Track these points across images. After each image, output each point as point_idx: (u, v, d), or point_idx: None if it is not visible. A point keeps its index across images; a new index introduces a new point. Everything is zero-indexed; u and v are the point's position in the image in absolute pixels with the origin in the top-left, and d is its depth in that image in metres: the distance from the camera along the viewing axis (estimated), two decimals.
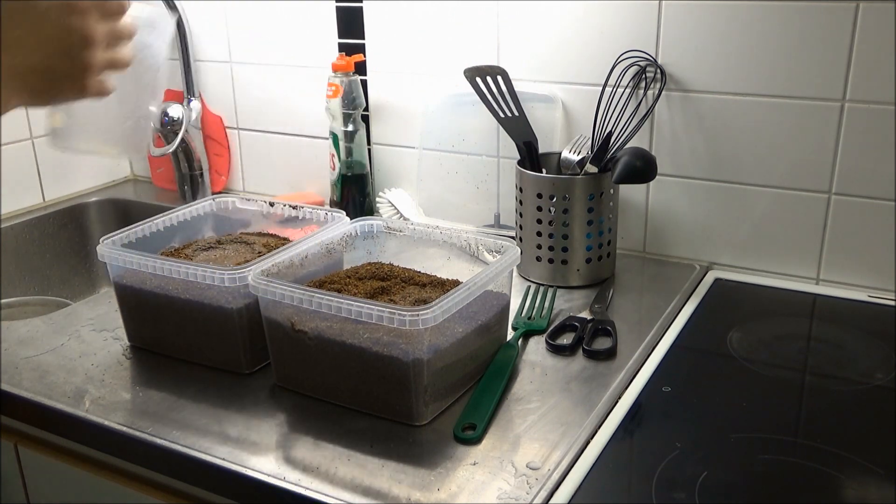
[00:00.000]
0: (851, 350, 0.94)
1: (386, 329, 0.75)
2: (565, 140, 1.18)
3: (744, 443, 0.76)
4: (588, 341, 0.92)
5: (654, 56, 1.09)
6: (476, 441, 0.75)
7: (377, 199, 1.35)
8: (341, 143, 1.29)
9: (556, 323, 0.96)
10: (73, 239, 1.46)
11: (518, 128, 1.13)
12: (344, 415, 0.80)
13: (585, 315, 0.98)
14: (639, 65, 1.09)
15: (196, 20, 1.44)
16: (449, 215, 1.31)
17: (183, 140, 1.44)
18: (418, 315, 0.72)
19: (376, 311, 0.74)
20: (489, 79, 1.14)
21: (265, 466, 0.72)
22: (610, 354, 0.90)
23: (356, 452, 0.74)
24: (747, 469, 0.72)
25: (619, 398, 0.82)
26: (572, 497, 0.68)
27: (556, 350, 0.91)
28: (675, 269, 1.14)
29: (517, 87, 1.16)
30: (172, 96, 1.50)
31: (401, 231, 0.96)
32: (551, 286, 1.05)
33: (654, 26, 1.08)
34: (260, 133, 1.46)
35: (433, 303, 0.74)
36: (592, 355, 0.90)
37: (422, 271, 0.91)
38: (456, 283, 0.87)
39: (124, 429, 0.79)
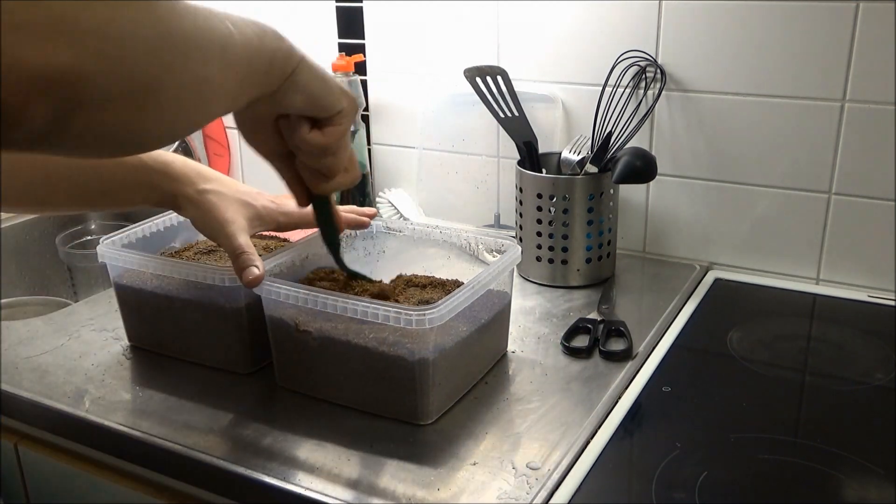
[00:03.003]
0: (851, 350, 0.94)
1: (391, 329, 0.75)
2: (565, 140, 1.18)
3: (744, 443, 0.76)
4: (603, 342, 0.92)
5: (654, 56, 1.09)
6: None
7: (377, 199, 1.35)
8: None
9: (569, 325, 0.96)
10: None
11: (518, 128, 1.13)
12: (344, 415, 0.80)
13: (595, 316, 0.98)
14: (639, 65, 1.09)
15: None
16: (449, 215, 1.31)
17: (183, 140, 1.44)
18: (424, 315, 0.72)
19: (382, 310, 0.74)
20: (489, 79, 1.14)
21: (265, 466, 0.72)
22: (626, 356, 0.90)
23: (357, 452, 0.74)
24: (747, 469, 0.72)
25: (619, 398, 0.83)
26: (572, 497, 0.68)
27: (572, 353, 0.91)
28: (675, 269, 1.14)
29: (517, 87, 1.16)
30: None
31: (401, 231, 0.96)
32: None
33: (654, 26, 1.08)
34: None
35: (439, 302, 0.74)
36: (609, 356, 0.90)
37: (421, 272, 0.91)
38: (455, 284, 0.87)
39: (124, 429, 0.79)
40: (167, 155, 0.83)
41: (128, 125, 0.44)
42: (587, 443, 0.75)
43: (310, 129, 0.63)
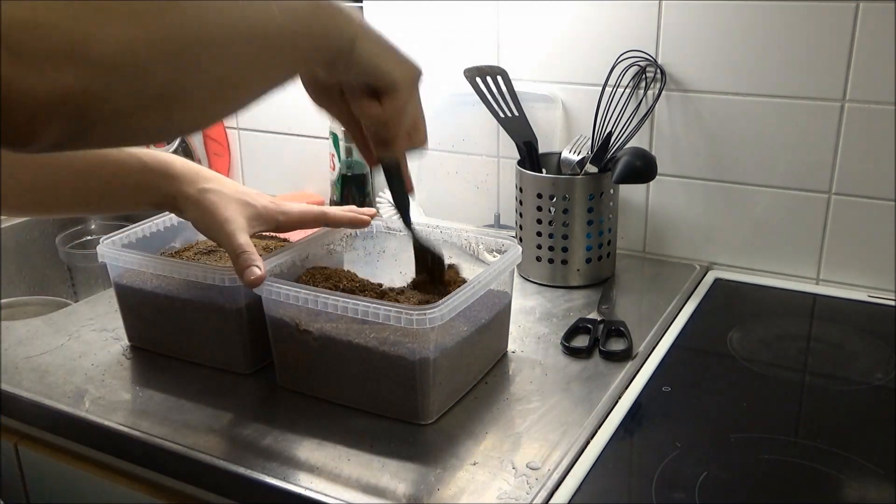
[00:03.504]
0: (851, 350, 0.94)
1: (392, 329, 0.75)
2: (565, 140, 1.18)
3: (744, 443, 0.76)
4: (603, 342, 0.92)
5: (654, 56, 1.09)
6: None
7: (377, 199, 1.35)
8: (341, 143, 1.29)
9: (569, 325, 0.96)
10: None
11: (518, 128, 1.13)
12: (344, 415, 0.80)
13: (595, 316, 0.98)
14: (639, 65, 1.09)
15: None
16: (449, 215, 1.31)
17: (183, 140, 1.44)
18: (425, 314, 0.72)
19: (383, 310, 0.74)
20: (489, 79, 1.14)
21: (265, 466, 0.72)
22: (626, 356, 0.90)
23: (357, 452, 0.74)
24: (747, 469, 0.72)
25: (619, 398, 0.82)
26: (572, 497, 0.68)
27: (572, 353, 0.91)
28: (675, 269, 1.14)
29: (517, 87, 1.16)
30: None
31: (401, 231, 0.95)
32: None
33: (654, 26, 1.08)
34: (260, 133, 1.47)
35: (440, 302, 0.74)
36: (609, 356, 0.90)
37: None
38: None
39: (124, 429, 0.79)
40: (166, 156, 0.83)
41: (153, 128, 0.44)
42: (587, 443, 0.75)
43: (369, 99, 0.63)
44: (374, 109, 0.63)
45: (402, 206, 0.79)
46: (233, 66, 0.46)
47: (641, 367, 0.89)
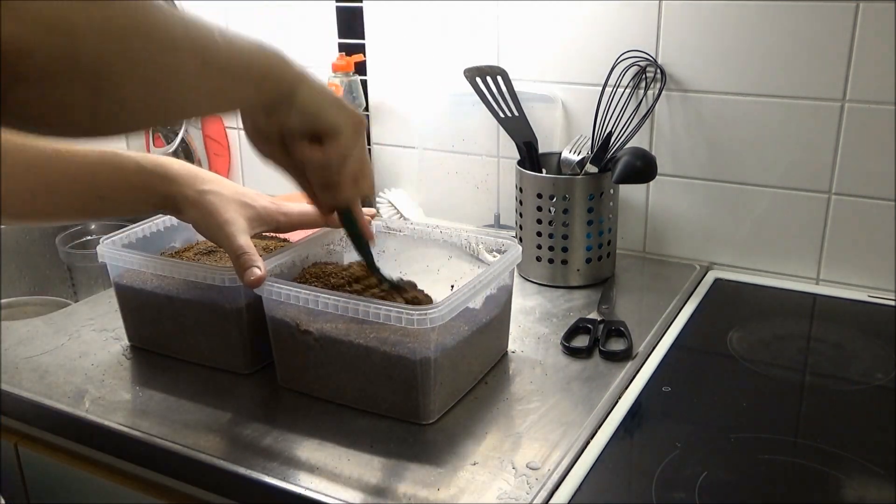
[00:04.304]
0: (851, 350, 0.94)
1: (393, 328, 0.75)
2: (565, 140, 1.18)
3: (744, 443, 0.76)
4: (603, 342, 0.92)
5: (654, 56, 1.09)
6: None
7: (377, 199, 1.35)
8: None
9: (569, 325, 0.96)
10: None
11: (518, 128, 1.13)
12: (344, 415, 0.80)
13: (595, 316, 0.98)
14: (639, 65, 1.09)
15: None
16: (449, 215, 1.31)
17: (183, 140, 1.44)
18: (426, 314, 0.72)
19: (384, 310, 0.74)
20: (489, 79, 1.14)
21: (265, 466, 0.72)
22: (626, 356, 0.90)
23: (357, 452, 0.74)
24: (747, 469, 0.72)
25: (619, 398, 0.82)
26: (572, 497, 0.68)
27: (572, 353, 0.91)
28: (675, 269, 1.14)
29: (517, 87, 1.16)
30: None
31: (401, 231, 0.95)
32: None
33: (654, 26, 1.08)
34: None
35: (440, 301, 0.74)
36: (609, 356, 0.90)
37: (422, 272, 0.91)
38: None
39: (124, 429, 0.79)
40: (164, 158, 0.83)
41: (78, 107, 0.44)
42: (587, 443, 0.75)
43: (310, 145, 0.64)
44: (315, 153, 0.64)
45: (363, 253, 0.80)
46: (168, 73, 0.48)
47: (641, 367, 0.89)
